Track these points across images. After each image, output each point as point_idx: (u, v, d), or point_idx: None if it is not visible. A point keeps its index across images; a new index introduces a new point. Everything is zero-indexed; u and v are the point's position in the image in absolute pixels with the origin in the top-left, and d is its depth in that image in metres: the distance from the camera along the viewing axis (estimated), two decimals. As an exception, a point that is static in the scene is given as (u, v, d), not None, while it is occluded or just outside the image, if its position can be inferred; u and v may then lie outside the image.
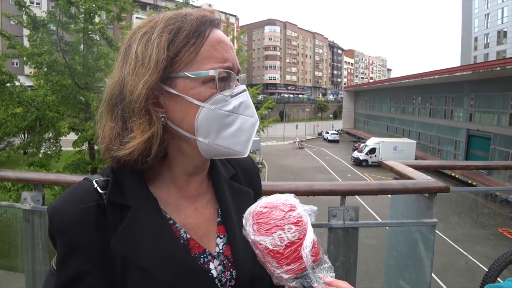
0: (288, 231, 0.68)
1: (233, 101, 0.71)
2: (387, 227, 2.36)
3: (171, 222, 0.74)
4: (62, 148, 11.08)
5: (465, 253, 12.09)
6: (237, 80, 0.73)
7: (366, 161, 33.57)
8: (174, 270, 0.69)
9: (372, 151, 33.59)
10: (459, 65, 42.56)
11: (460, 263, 11.60)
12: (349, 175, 29.81)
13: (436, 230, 1.95)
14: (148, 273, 0.67)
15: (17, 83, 9.82)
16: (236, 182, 0.86)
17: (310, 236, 0.69)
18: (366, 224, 1.88)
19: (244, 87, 0.74)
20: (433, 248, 1.93)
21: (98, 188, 0.69)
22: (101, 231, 0.67)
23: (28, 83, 12.53)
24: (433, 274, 1.97)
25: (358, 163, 33.86)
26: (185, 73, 0.68)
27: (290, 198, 0.72)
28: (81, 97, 10.71)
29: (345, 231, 1.82)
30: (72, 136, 10.54)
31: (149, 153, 0.69)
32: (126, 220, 0.68)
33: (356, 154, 34.95)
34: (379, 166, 31.11)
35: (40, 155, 10.62)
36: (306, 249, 0.67)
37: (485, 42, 47.04)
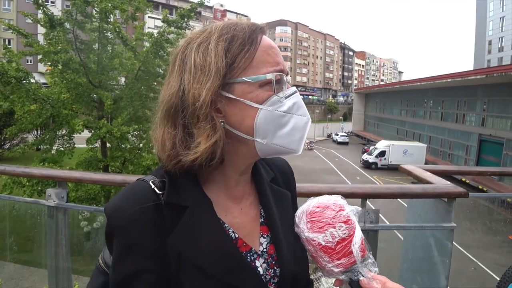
0: (339, 229, 0.75)
1: (287, 102, 0.74)
2: (395, 230, 2.35)
3: (221, 222, 0.77)
4: (75, 145, 11.24)
5: (474, 259, 11.95)
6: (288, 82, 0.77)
7: (376, 164, 33.45)
8: (227, 268, 0.72)
9: (382, 154, 33.45)
10: (472, 68, 42.10)
11: (469, 269, 11.47)
12: (358, 178, 29.69)
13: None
14: (203, 270, 0.70)
15: (32, 81, 9.96)
16: (275, 185, 0.90)
17: (359, 234, 0.75)
18: (386, 227, 1.90)
19: (295, 88, 0.78)
20: (451, 252, 1.94)
21: (156, 189, 0.73)
22: (159, 231, 0.70)
23: (42, 80, 12.71)
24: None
25: (367, 165, 33.76)
26: (243, 78, 0.72)
27: (339, 199, 0.78)
28: (94, 95, 10.86)
29: (365, 234, 1.81)
30: (84, 134, 10.65)
31: (213, 157, 0.72)
32: (183, 220, 0.72)
33: (365, 156, 34.85)
34: (388, 169, 31.01)
35: (53, 152, 10.77)
36: (356, 245, 0.74)
37: (500, 46, 46.37)
